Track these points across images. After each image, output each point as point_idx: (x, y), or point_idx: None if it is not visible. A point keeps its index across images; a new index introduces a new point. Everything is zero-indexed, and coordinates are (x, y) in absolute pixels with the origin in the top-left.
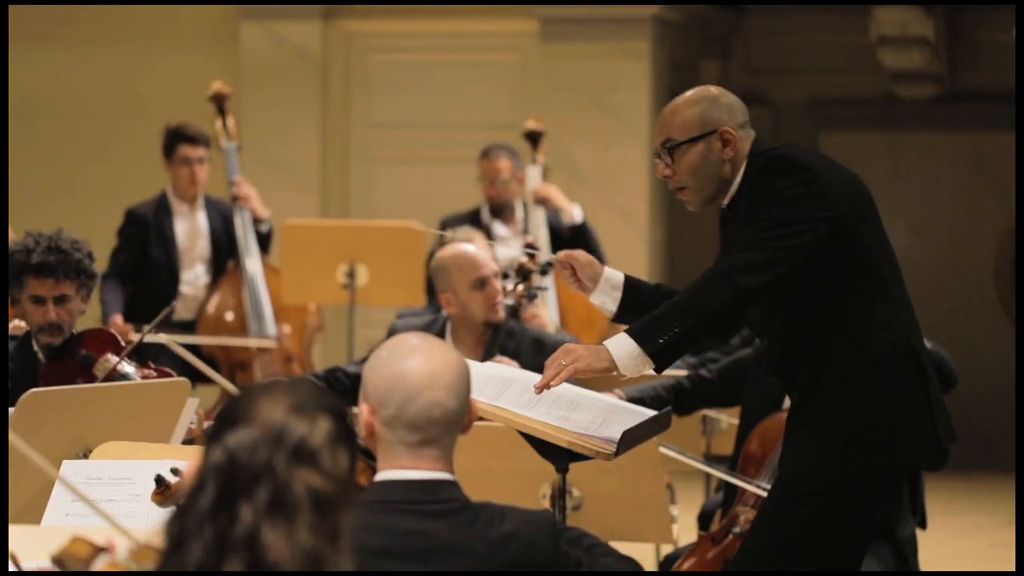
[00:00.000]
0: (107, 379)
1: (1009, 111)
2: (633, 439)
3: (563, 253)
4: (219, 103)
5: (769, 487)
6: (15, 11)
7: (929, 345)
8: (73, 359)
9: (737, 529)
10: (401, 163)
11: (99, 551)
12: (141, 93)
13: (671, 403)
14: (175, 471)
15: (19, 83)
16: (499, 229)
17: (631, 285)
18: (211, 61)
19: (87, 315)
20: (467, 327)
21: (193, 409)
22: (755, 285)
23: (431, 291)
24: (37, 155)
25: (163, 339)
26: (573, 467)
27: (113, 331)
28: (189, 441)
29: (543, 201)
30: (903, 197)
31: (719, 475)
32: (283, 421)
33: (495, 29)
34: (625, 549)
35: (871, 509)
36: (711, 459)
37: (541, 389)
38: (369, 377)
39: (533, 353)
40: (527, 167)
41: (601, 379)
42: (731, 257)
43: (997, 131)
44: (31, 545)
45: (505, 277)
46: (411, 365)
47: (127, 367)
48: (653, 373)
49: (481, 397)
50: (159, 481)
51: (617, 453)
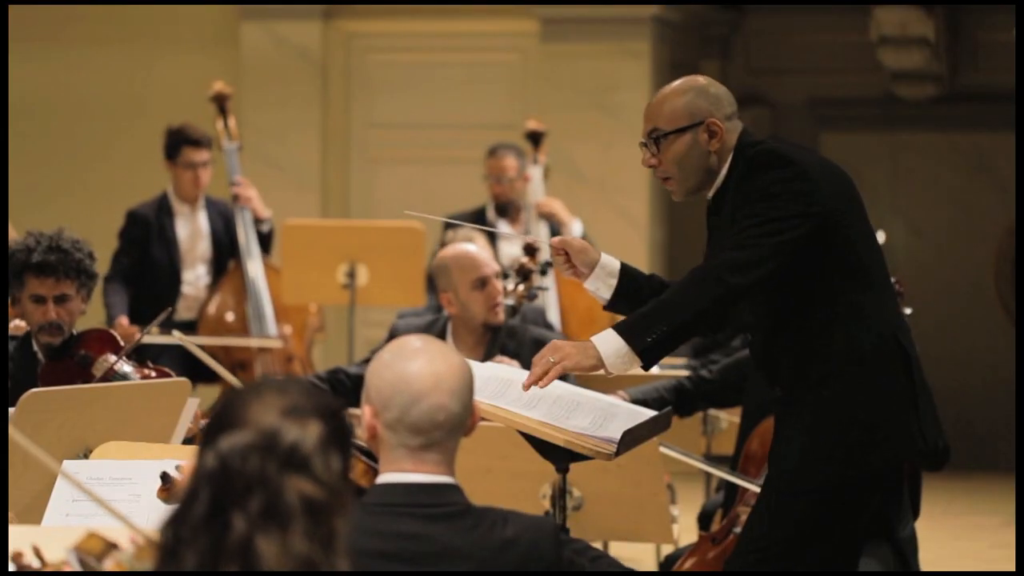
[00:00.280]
0: (104, 379)
1: (1009, 111)
2: (633, 439)
3: (557, 239)
4: (221, 103)
5: None
6: (15, 11)
7: None
8: (73, 359)
9: (738, 529)
10: (401, 163)
11: (111, 548)
12: (141, 93)
13: (673, 404)
14: (180, 468)
15: (19, 83)
16: (504, 228)
17: (627, 273)
18: (211, 61)
19: (90, 317)
20: (467, 327)
21: (193, 409)
22: (744, 283)
23: (432, 290)
24: (38, 155)
25: (176, 338)
26: (573, 467)
27: (113, 332)
28: (189, 441)
29: (547, 215)
30: (903, 197)
31: (720, 475)
32: (275, 426)
33: (495, 29)
34: (625, 549)
35: (861, 506)
36: (711, 459)
37: (529, 386)
38: (372, 379)
39: (534, 353)
40: (529, 167)
41: (603, 379)
42: (720, 255)
43: (997, 131)
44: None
45: (505, 277)
46: (415, 368)
47: (125, 367)
48: (641, 371)
49: (481, 397)
50: (164, 478)
51: (617, 453)
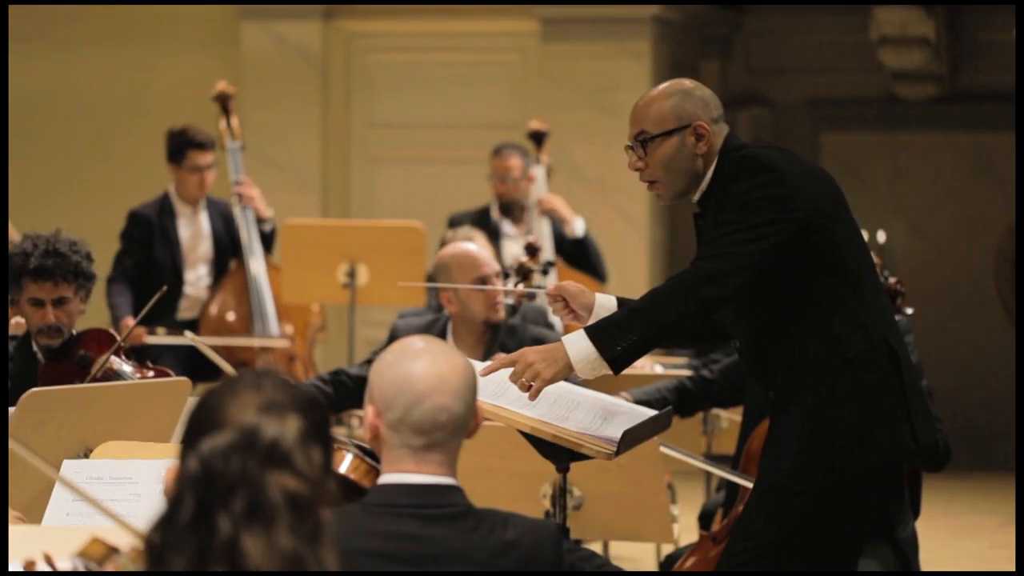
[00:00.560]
0: (99, 376)
1: (1009, 111)
2: (633, 439)
3: (553, 286)
4: (223, 103)
5: None
6: (15, 11)
7: None
8: (72, 359)
9: None
10: (401, 163)
11: (112, 552)
12: (141, 93)
13: (675, 404)
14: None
15: (19, 83)
16: (507, 228)
17: (624, 305)
18: (212, 61)
19: (94, 317)
20: (468, 326)
21: None
22: (716, 296)
23: (432, 290)
24: (38, 155)
25: (189, 339)
26: (574, 467)
27: (112, 331)
28: None
29: (548, 212)
30: (903, 197)
31: (720, 474)
32: (253, 423)
33: (495, 29)
34: (626, 548)
35: (854, 508)
36: (712, 458)
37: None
38: (375, 379)
39: None
40: (533, 167)
41: (605, 380)
42: (696, 265)
43: (997, 131)
44: (30, 545)
45: (506, 277)
46: (418, 368)
47: (123, 365)
48: (610, 374)
49: (482, 397)
50: None
51: (618, 453)
